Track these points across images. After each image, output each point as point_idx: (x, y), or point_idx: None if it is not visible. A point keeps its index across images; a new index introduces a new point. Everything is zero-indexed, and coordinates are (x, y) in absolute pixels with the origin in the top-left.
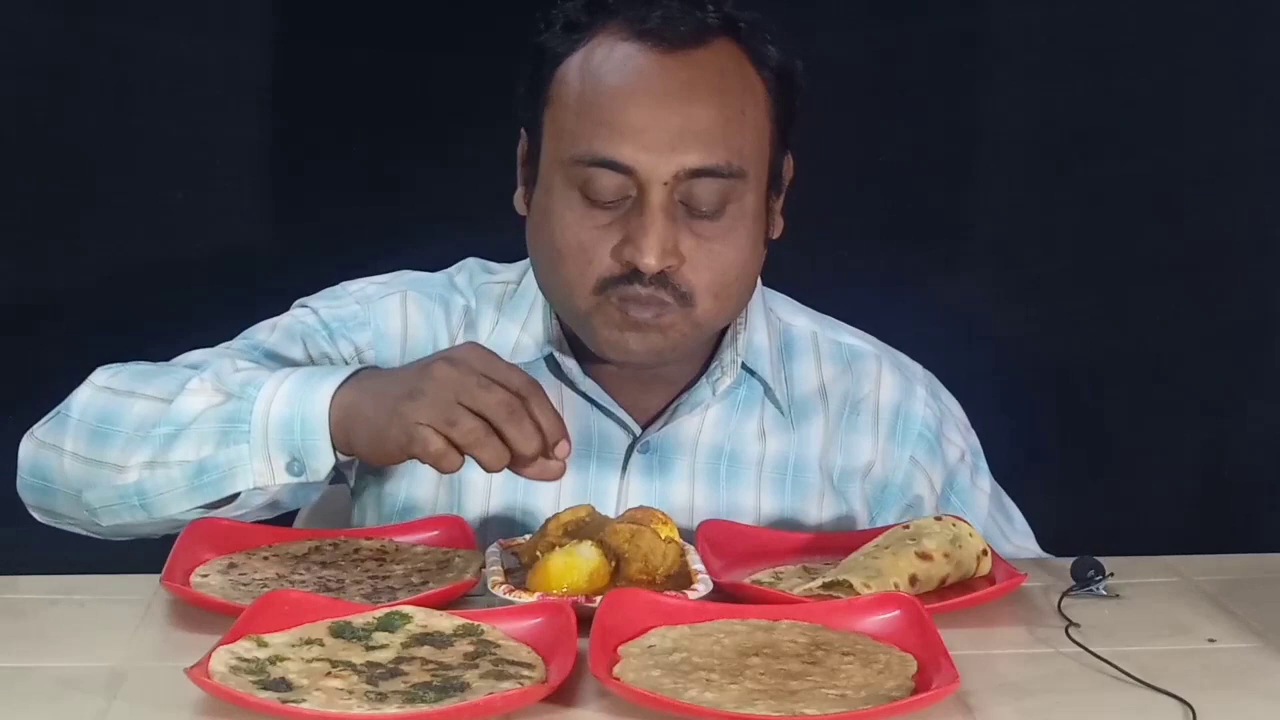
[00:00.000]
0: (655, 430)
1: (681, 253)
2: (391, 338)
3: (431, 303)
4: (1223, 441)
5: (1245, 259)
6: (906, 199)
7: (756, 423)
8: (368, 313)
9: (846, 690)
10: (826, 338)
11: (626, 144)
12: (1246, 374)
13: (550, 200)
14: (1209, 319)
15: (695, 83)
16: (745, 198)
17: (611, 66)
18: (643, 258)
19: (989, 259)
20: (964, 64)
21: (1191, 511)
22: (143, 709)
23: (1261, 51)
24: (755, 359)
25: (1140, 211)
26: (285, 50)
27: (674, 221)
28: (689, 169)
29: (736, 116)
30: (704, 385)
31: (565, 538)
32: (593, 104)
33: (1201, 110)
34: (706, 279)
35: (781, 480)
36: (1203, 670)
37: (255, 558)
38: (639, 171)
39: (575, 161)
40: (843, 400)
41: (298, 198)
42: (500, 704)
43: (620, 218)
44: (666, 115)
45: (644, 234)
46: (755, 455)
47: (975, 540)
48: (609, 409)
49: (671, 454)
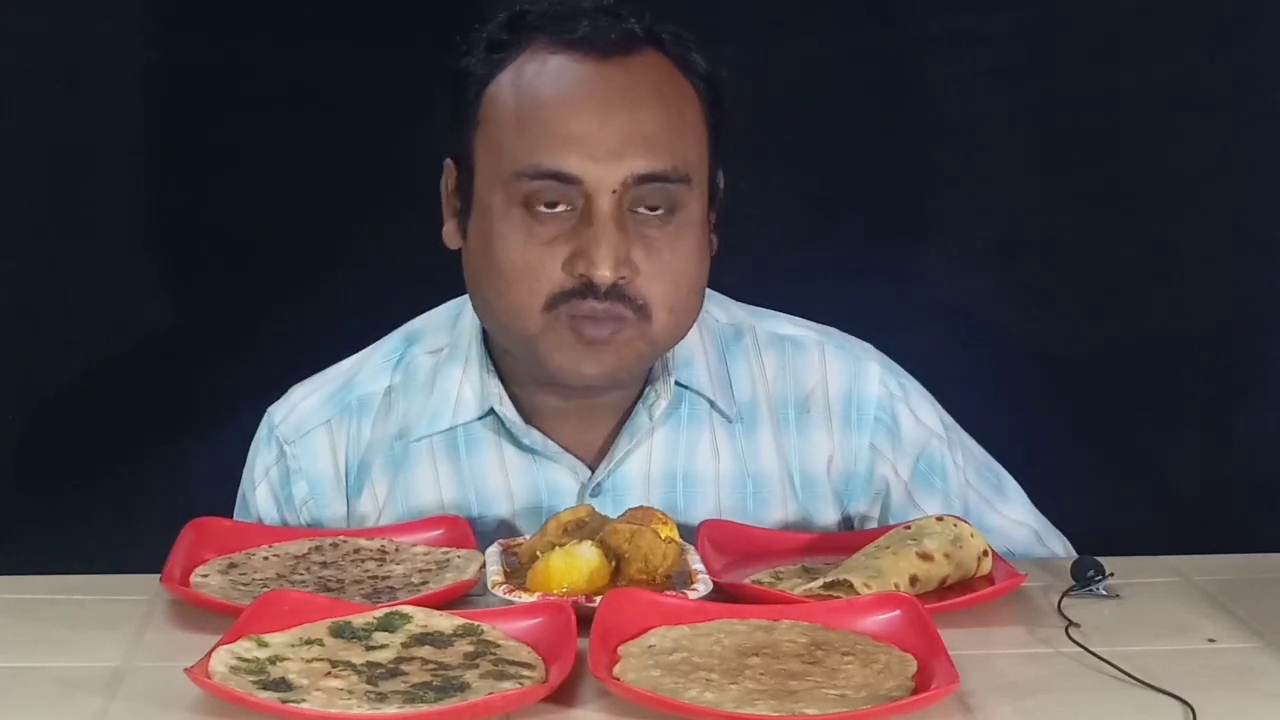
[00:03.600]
0: (604, 472)
1: (634, 263)
2: (324, 480)
3: (353, 419)
4: (1223, 441)
5: (1245, 259)
6: (906, 199)
7: (708, 439)
8: (297, 458)
9: (846, 690)
10: (763, 330)
11: (571, 153)
12: (1246, 374)
13: (490, 223)
14: (1209, 319)
15: (634, 87)
16: (690, 205)
17: (546, 78)
18: (597, 270)
19: (988, 259)
20: (964, 64)
21: (1191, 511)
22: (143, 709)
23: (1262, 51)
24: (688, 374)
25: (1140, 211)
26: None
27: (624, 231)
28: (637, 175)
29: (678, 120)
30: (641, 411)
31: (565, 538)
32: (531, 116)
33: (1201, 110)
34: (660, 290)
35: (742, 493)
36: (1203, 670)
37: (255, 558)
38: (586, 181)
39: (517, 176)
40: (788, 401)
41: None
42: (500, 704)
43: (567, 232)
44: (610, 122)
45: (596, 245)
46: (710, 473)
47: (976, 541)
48: (555, 458)
49: (625, 491)
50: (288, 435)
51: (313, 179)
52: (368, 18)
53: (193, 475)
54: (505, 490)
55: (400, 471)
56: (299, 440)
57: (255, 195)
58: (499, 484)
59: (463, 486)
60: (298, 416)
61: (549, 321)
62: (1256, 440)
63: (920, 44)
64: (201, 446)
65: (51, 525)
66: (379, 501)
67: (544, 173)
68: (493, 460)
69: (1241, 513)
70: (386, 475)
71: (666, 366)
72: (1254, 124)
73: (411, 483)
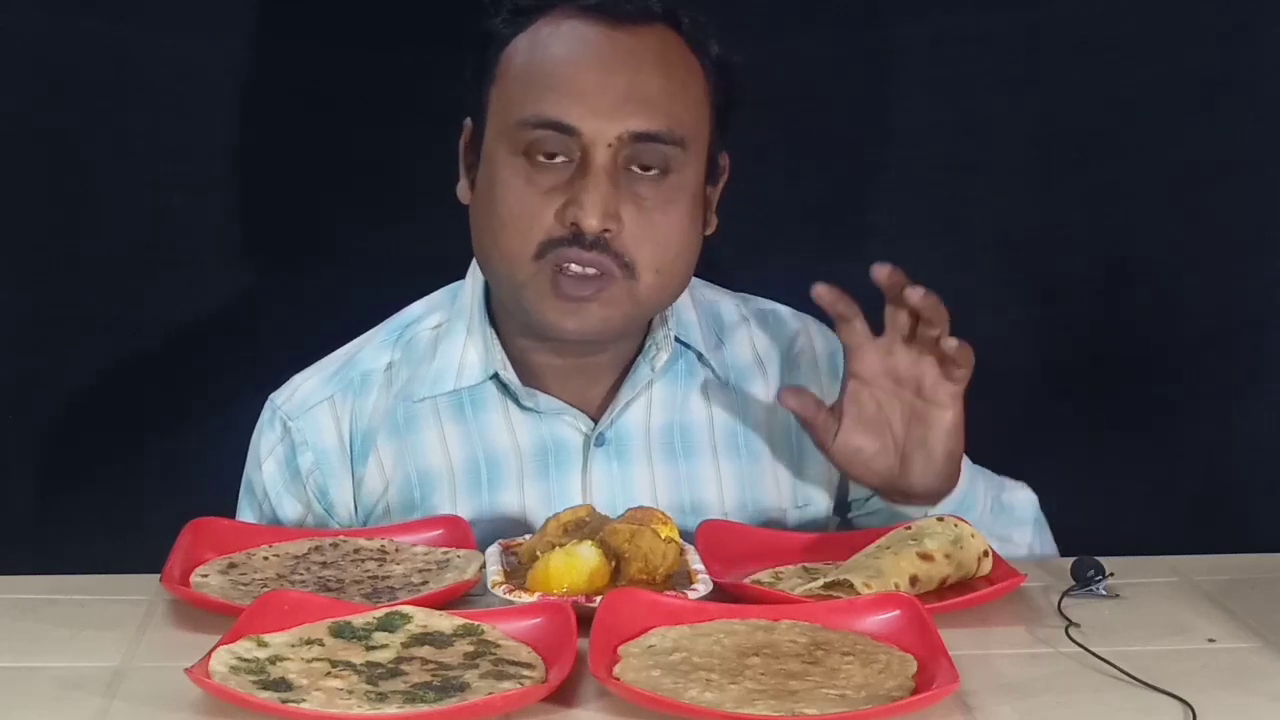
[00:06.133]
0: (607, 422)
1: (622, 218)
2: (329, 451)
3: (355, 394)
4: (1223, 441)
5: (1245, 259)
6: (904, 199)
7: (699, 391)
8: (302, 430)
9: (846, 690)
10: (752, 309)
11: (573, 106)
12: (1246, 374)
13: (494, 170)
14: (1209, 319)
15: (640, 52)
16: (685, 170)
17: (559, 39)
18: (586, 217)
19: (988, 258)
20: (964, 63)
21: (1191, 511)
22: (143, 709)
23: (1262, 51)
24: (687, 332)
25: (1140, 211)
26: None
27: (616, 187)
28: (633, 132)
29: (679, 88)
30: (643, 364)
31: (565, 538)
32: (539, 70)
33: (1201, 110)
34: (647, 250)
35: (734, 445)
36: (1203, 670)
37: (255, 558)
38: (584, 133)
39: (520, 125)
40: (780, 362)
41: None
42: (500, 704)
43: (564, 183)
44: (613, 80)
45: (586, 192)
46: (704, 422)
47: (977, 541)
48: (558, 412)
49: (627, 440)
50: (291, 413)
51: (313, 178)
52: (368, 16)
53: (193, 475)
54: (513, 446)
55: (407, 434)
56: (302, 416)
57: (255, 195)
58: (506, 440)
59: (470, 445)
60: (301, 395)
61: (537, 270)
62: (1256, 440)
63: (920, 44)
64: (201, 446)
65: (51, 525)
66: (385, 467)
67: (545, 122)
68: (498, 418)
69: (1241, 513)
70: (392, 441)
71: (667, 322)
72: (1254, 124)
73: (418, 444)
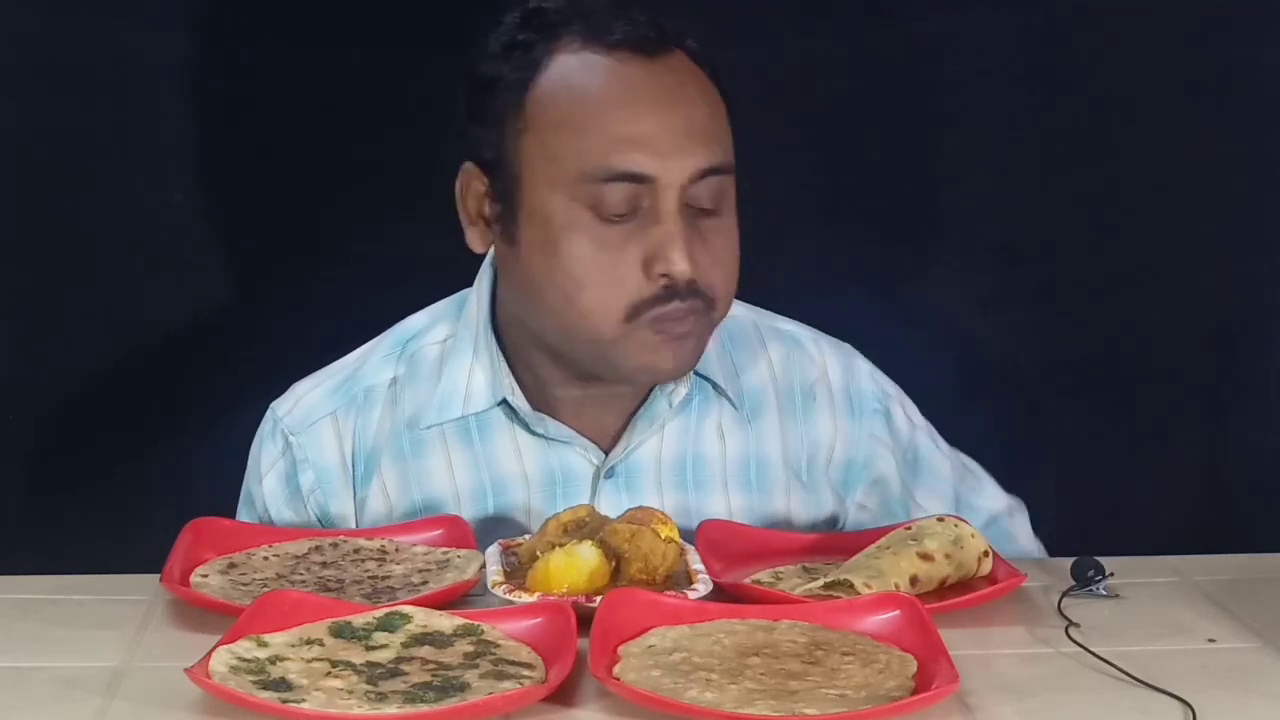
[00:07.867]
0: (619, 457)
1: (697, 256)
2: (330, 469)
3: (358, 411)
4: (1222, 441)
5: (1245, 259)
6: (903, 199)
7: (714, 423)
8: (304, 447)
9: (846, 690)
10: (765, 325)
11: (640, 153)
12: (1246, 374)
13: (552, 229)
14: (1209, 319)
15: (681, 84)
16: (731, 194)
17: (598, 80)
18: (675, 267)
19: (988, 258)
20: (964, 63)
21: (1191, 511)
22: (143, 709)
23: (1261, 51)
24: (705, 364)
25: (1140, 211)
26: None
27: (688, 226)
28: (700, 169)
29: (717, 113)
30: (659, 398)
31: (565, 538)
32: (589, 118)
33: (1201, 110)
34: (719, 279)
35: (746, 478)
36: (1203, 670)
37: (255, 558)
38: (658, 178)
39: (585, 179)
40: (794, 391)
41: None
42: (500, 704)
43: (635, 233)
44: (669, 119)
45: (671, 242)
46: (717, 455)
47: (977, 541)
48: (569, 441)
49: (638, 474)
50: (293, 427)
51: (313, 179)
52: (369, 18)
53: (193, 475)
54: (520, 473)
55: (412, 460)
56: (304, 431)
57: (256, 195)
58: (514, 467)
59: (477, 471)
60: (303, 408)
61: (629, 329)
62: (1255, 440)
63: (920, 44)
64: (202, 446)
65: (51, 525)
66: (389, 493)
67: (616, 174)
68: (507, 445)
69: (1241, 513)
70: (397, 465)
71: None
72: (1254, 124)
73: (424, 470)
